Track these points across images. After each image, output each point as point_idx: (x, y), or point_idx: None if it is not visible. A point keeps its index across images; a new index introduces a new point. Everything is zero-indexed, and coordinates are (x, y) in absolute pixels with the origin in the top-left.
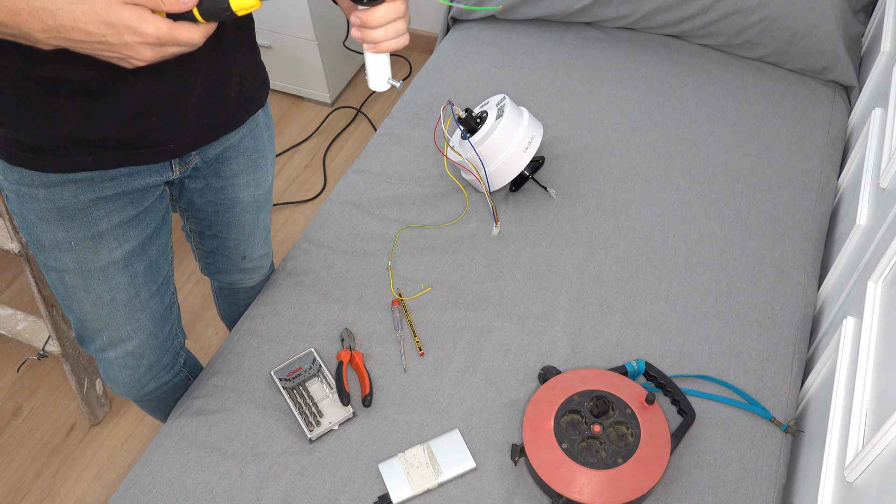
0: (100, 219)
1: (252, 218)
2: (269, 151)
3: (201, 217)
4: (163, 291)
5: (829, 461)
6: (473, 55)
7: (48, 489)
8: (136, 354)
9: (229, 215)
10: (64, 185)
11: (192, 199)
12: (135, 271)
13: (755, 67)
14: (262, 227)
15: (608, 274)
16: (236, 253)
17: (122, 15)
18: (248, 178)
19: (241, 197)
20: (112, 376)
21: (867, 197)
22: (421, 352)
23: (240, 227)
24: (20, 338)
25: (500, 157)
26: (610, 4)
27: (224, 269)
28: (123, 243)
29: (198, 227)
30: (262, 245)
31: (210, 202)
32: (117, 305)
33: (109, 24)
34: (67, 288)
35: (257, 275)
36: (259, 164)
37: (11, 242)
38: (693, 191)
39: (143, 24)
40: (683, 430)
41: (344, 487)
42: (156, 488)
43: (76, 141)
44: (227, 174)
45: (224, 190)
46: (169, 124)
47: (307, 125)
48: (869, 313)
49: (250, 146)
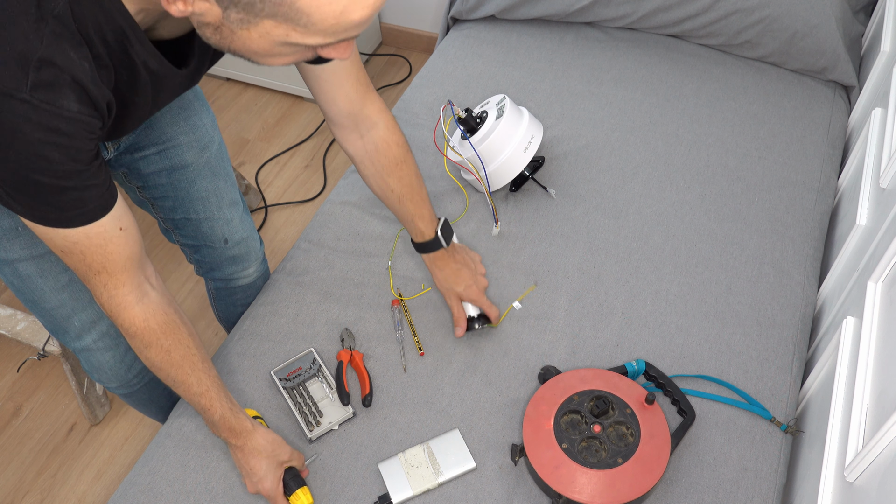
0: None
1: (210, 186)
2: (200, 108)
3: (160, 196)
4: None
5: (829, 461)
6: (473, 55)
7: (48, 489)
8: (111, 334)
9: (184, 184)
10: None
11: (141, 172)
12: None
13: (755, 67)
14: (229, 202)
15: (608, 274)
16: (216, 238)
17: (273, 474)
18: (188, 138)
19: (187, 159)
20: (96, 364)
21: (867, 197)
22: (421, 352)
23: (203, 200)
24: (20, 338)
25: (500, 157)
26: (610, 4)
27: (214, 264)
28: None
29: (165, 214)
30: (241, 225)
31: (161, 173)
32: (76, 285)
33: (264, 469)
34: (23, 279)
35: (249, 265)
36: (193, 122)
37: None
38: (693, 191)
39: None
40: (683, 430)
41: (344, 487)
42: (156, 488)
43: None
44: (161, 138)
45: (166, 153)
46: None
47: (307, 125)
48: (869, 313)
49: (175, 105)
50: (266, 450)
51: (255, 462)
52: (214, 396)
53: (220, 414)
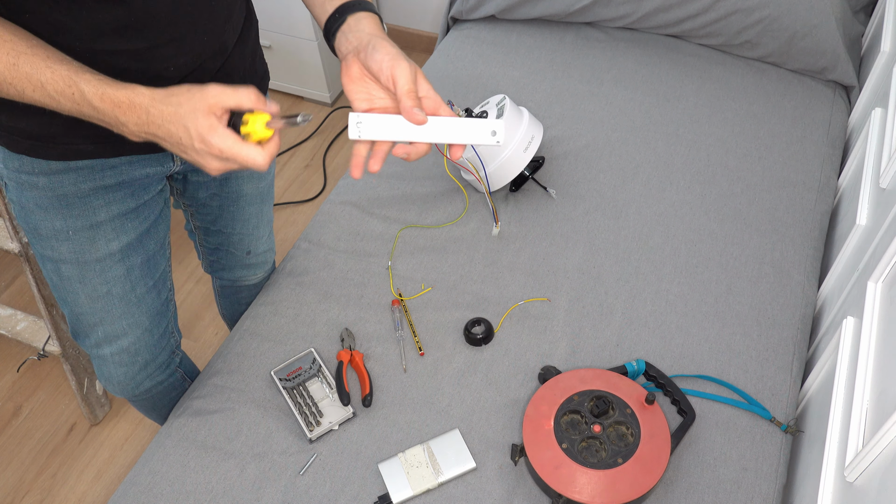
0: (98, 208)
1: (256, 211)
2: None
3: (206, 212)
4: (159, 287)
5: (829, 461)
6: (473, 55)
7: (48, 489)
8: (130, 351)
9: (234, 209)
10: (65, 172)
11: (195, 194)
12: (131, 265)
13: (755, 67)
14: (266, 221)
15: (608, 274)
16: (241, 248)
17: (198, 122)
18: (251, 171)
19: (245, 190)
20: (107, 373)
21: (867, 197)
22: (421, 352)
23: (244, 221)
24: (20, 338)
25: (500, 157)
26: (610, 4)
27: (228, 266)
28: (121, 235)
29: (202, 224)
30: (267, 240)
31: (214, 196)
32: (113, 299)
33: (186, 128)
34: (63, 279)
35: (261, 270)
36: None
37: (11, 242)
38: (693, 191)
39: (211, 135)
40: (683, 430)
41: (344, 487)
42: (156, 488)
43: (77, 129)
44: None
45: (228, 183)
46: None
47: (307, 125)
48: (869, 313)
49: None
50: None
51: (176, 126)
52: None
53: (86, 87)
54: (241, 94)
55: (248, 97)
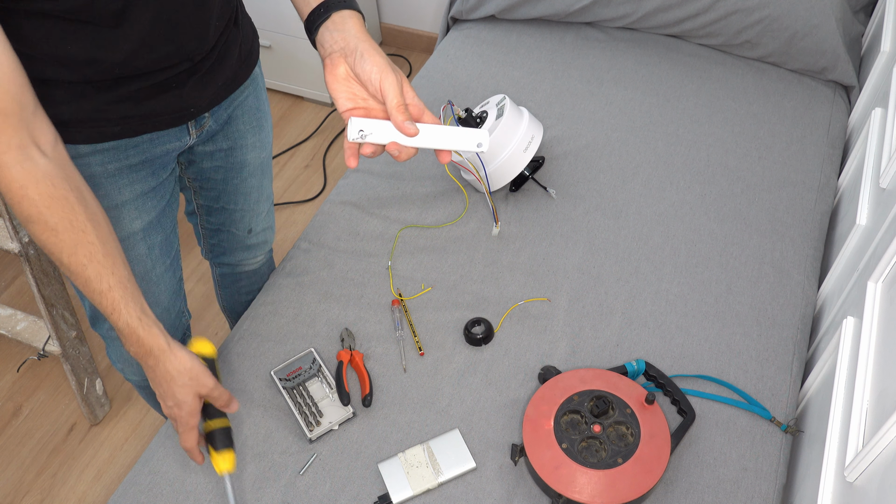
0: (123, 187)
1: (257, 184)
2: (268, 111)
3: (209, 187)
4: (174, 266)
5: (829, 461)
6: (473, 55)
7: (48, 489)
8: None
9: (237, 181)
10: (92, 154)
11: (201, 166)
12: (152, 243)
13: (755, 67)
14: (266, 196)
15: (608, 274)
16: (242, 227)
17: (187, 401)
18: (254, 139)
19: (248, 159)
20: (122, 355)
21: (867, 197)
22: (421, 352)
23: (246, 195)
24: (20, 338)
25: (500, 157)
26: (610, 4)
27: (229, 249)
28: (143, 214)
29: (205, 202)
30: (266, 216)
31: (219, 168)
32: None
33: (174, 395)
34: None
35: (260, 253)
36: (262, 124)
37: (11, 242)
38: (693, 191)
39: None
40: (683, 430)
41: (344, 487)
42: (156, 488)
43: (104, 113)
44: (234, 135)
45: (233, 152)
46: (189, 92)
47: (307, 125)
48: (869, 313)
49: (254, 105)
50: (181, 379)
51: (167, 387)
52: (118, 299)
53: (126, 322)
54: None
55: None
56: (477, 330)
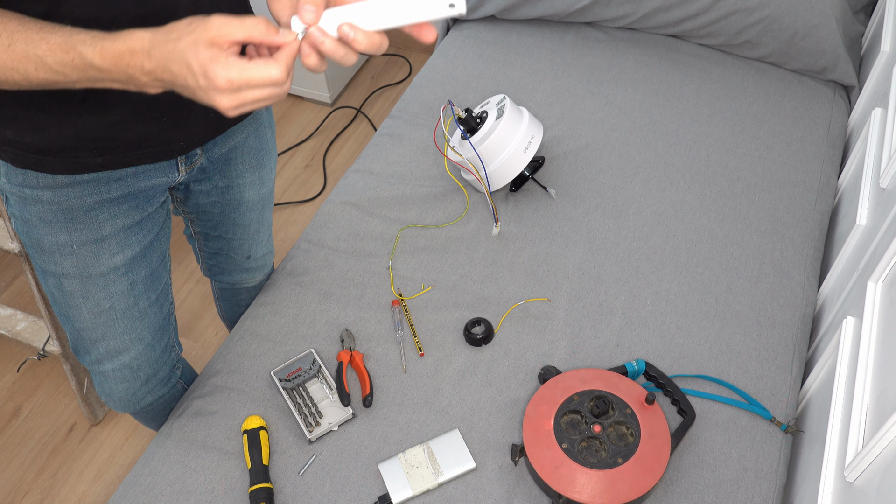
0: (104, 222)
1: (257, 217)
2: (272, 149)
3: (206, 219)
4: (161, 301)
5: (829, 461)
6: (473, 55)
7: (48, 489)
8: (132, 367)
9: (235, 215)
10: (70, 186)
11: (197, 202)
12: (135, 279)
13: (755, 67)
14: (266, 226)
15: (608, 274)
16: (241, 253)
17: (200, 55)
18: (254, 178)
19: (247, 196)
20: (108, 390)
21: (867, 197)
22: (421, 352)
23: (245, 227)
24: (20, 338)
25: (500, 157)
26: (610, 4)
27: (227, 270)
28: (125, 248)
29: (202, 230)
30: (266, 244)
31: (216, 203)
32: (115, 314)
33: (188, 64)
34: (66, 294)
35: (260, 274)
36: (263, 163)
37: (11, 242)
38: (693, 191)
39: (213, 66)
40: (683, 430)
41: (344, 488)
42: (156, 488)
43: (86, 142)
44: (232, 174)
45: (230, 190)
46: (178, 122)
47: (307, 125)
48: (869, 313)
49: (255, 145)
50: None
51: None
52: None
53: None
54: (249, 24)
55: (257, 28)
56: (477, 330)
